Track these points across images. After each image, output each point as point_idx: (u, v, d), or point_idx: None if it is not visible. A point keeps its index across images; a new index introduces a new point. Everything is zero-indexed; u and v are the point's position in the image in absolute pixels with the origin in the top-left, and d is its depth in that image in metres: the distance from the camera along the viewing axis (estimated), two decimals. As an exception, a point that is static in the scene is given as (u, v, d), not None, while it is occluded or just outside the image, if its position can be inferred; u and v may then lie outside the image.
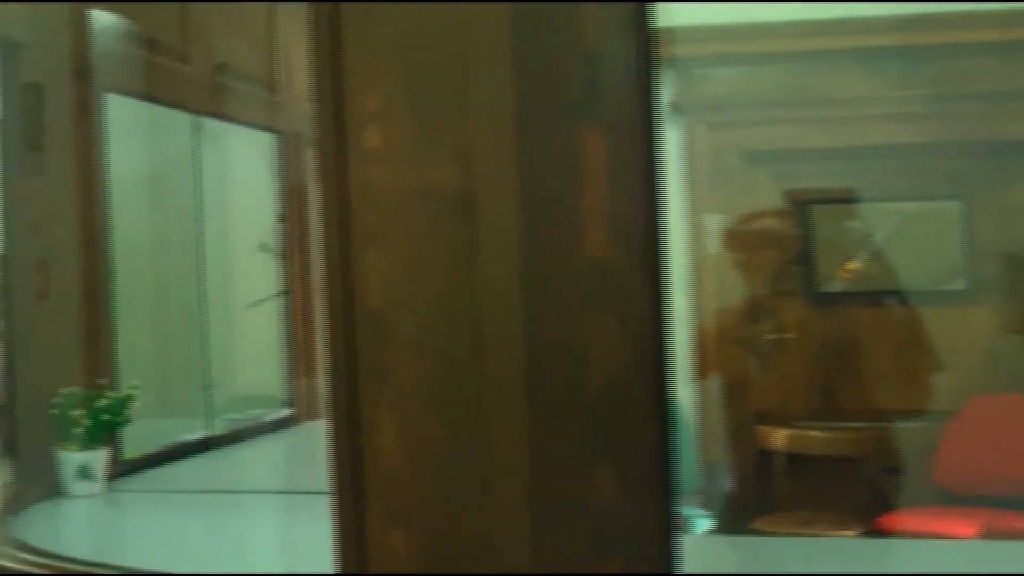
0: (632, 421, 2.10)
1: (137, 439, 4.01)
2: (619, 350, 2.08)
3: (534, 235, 2.07)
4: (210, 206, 4.85)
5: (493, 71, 2.10)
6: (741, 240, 6.43)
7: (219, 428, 4.71)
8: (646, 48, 2.17)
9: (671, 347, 2.14)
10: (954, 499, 5.90)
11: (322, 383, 5.43)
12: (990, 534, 5.22)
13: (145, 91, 4.34)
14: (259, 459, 4.66)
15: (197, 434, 4.59)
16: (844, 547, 3.57)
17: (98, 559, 2.94)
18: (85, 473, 3.63)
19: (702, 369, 6.18)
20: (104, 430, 3.68)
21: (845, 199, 6.55)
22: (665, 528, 2.11)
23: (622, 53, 2.14)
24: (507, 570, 2.10)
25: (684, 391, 5.92)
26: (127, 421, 3.76)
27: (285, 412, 5.23)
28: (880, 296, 6.49)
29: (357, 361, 2.17)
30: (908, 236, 6.38)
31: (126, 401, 3.75)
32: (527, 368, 2.08)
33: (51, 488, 3.62)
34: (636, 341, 2.10)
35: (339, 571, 2.21)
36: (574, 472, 2.09)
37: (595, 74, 2.09)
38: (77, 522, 3.53)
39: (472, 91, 2.10)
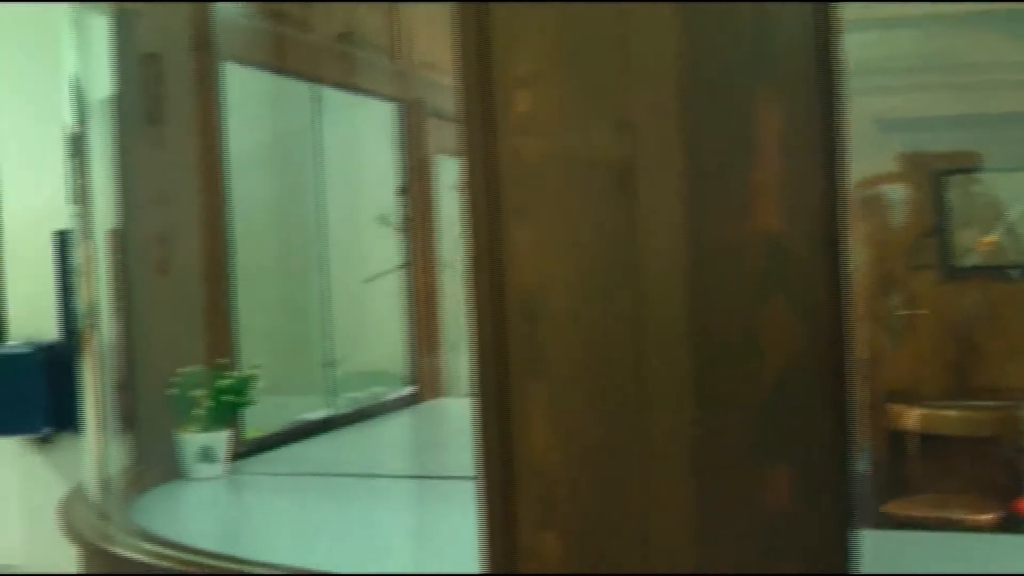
0: (808, 415, 1.93)
1: (256, 418, 3.88)
2: (794, 337, 1.91)
3: (700, 210, 1.91)
4: (331, 178, 4.72)
5: (656, 28, 1.94)
6: (873, 210, 6.25)
7: (341, 407, 4.57)
8: (824, 5, 1.98)
9: (850, 333, 1.96)
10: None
11: (446, 360, 5.30)
12: None
13: (264, 60, 4.20)
14: (384, 440, 4.52)
15: (319, 413, 4.46)
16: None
17: (223, 548, 2.80)
18: (206, 455, 3.50)
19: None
20: (226, 411, 3.55)
21: (981, 168, 6.31)
22: (842, 529, 1.93)
23: (797, 9, 1.96)
24: (669, 573, 1.95)
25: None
26: (250, 402, 3.63)
27: (407, 390, 5.10)
28: (1017, 270, 6.26)
29: (506, 348, 2.03)
30: (1048, 207, 6.15)
31: (248, 381, 3.61)
32: (692, 356, 1.92)
33: (171, 471, 3.49)
34: (813, 327, 1.92)
35: (485, 573, 2.06)
36: (744, 470, 1.93)
37: (768, 32, 1.92)
38: (199, 507, 3.40)
39: (633, 51, 1.95)
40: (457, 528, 2.98)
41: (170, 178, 3.67)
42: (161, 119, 3.65)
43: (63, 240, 6.28)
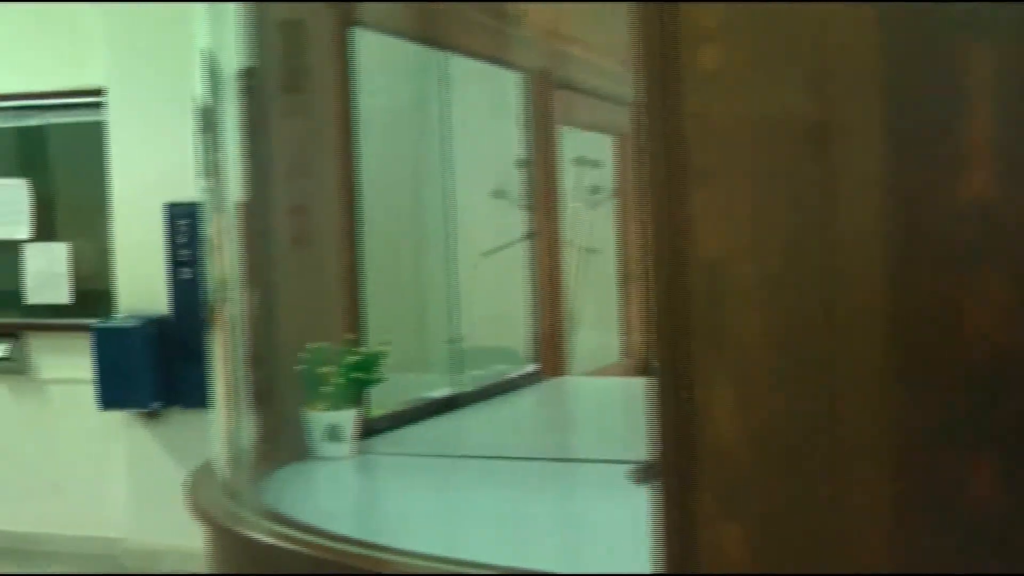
0: (1020, 400, 1.76)
1: (378, 395, 3.75)
2: (1005, 311, 1.76)
3: (902, 172, 1.77)
4: (456, 149, 4.58)
5: (856, -25, 1.79)
6: None
7: (465, 385, 4.44)
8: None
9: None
10: None
11: (569, 337, 5.17)
12: None
13: (392, 25, 4.07)
14: (512, 419, 4.37)
15: (443, 391, 4.33)
16: None
17: (358, 534, 2.67)
18: (334, 434, 3.38)
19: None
20: (355, 389, 3.43)
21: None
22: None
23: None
24: (862, 571, 1.82)
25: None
26: (379, 379, 3.50)
27: (529, 368, 4.96)
28: None
29: (688, 321, 1.90)
30: None
31: (378, 358, 3.49)
32: (891, 334, 1.79)
33: (299, 450, 3.37)
34: (1026, 300, 1.76)
35: (662, 568, 1.92)
36: (946, 458, 1.79)
37: (982, -23, 1.75)
38: (329, 489, 3.27)
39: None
40: (604, 515, 2.85)
41: (304, 149, 3.55)
42: (298, 88, 3.54)
43: (173, 213, 6.26)
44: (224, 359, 3.35)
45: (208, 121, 3.36)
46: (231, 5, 3.41)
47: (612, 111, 6.07)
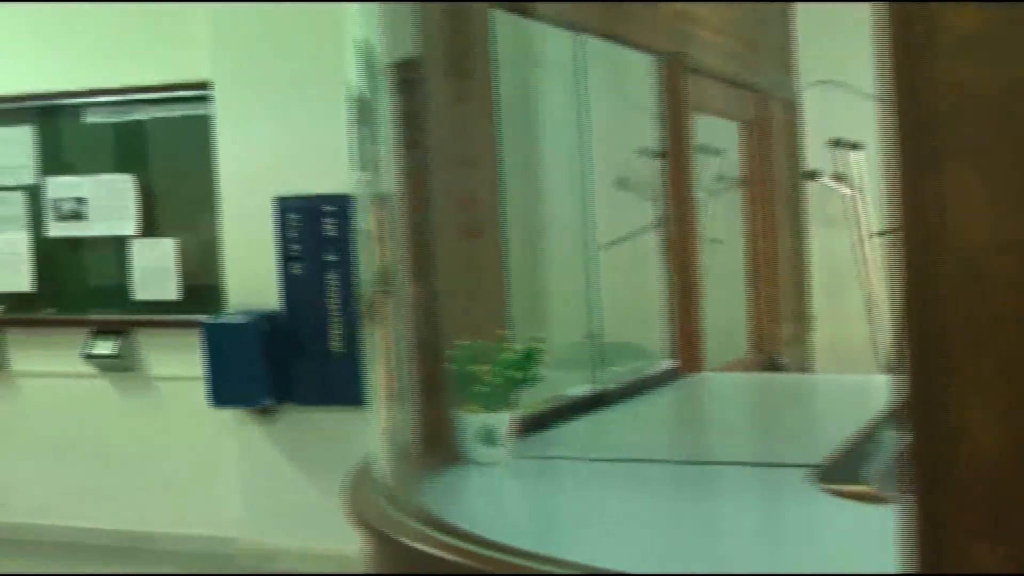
0: None
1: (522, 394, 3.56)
2: None
3: None
4: (587, 133, 4.39)
5: None
6: None
7: (607, 382, 4.24)
8: None
9: None
10: None
11: (705, 332, 4.97)
12: None
13: (530, 8, 3.89)
14: (663, 419, 4.17)
15: (585, 389, 4.15)
16: None
17: (531, 546, 2.47)
18: (488, 437, 3.20)
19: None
20: (510, 388, 3.25)
21: None
22: None
23: None
24: None
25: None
26: (536, 378, 3.31)
27: (666, 364, 4.77)
28: None
29: (943, 321, 1.70)
30: None
31: (534, 355, 3.30)
32: None
33: (454, 453, 3.19)
34: None
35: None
36: None
37: None
38: (489, 494, 3.08)
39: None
40: (799, 523, 2.67)
41: (466, 138, 3.39)
42: (461, 75, 3.37)
43: (284, 207, 6.15)
44: (382, 355, 3.18)
45: (364, 113, 3.21)
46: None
47: (738, 96, 5.87)
